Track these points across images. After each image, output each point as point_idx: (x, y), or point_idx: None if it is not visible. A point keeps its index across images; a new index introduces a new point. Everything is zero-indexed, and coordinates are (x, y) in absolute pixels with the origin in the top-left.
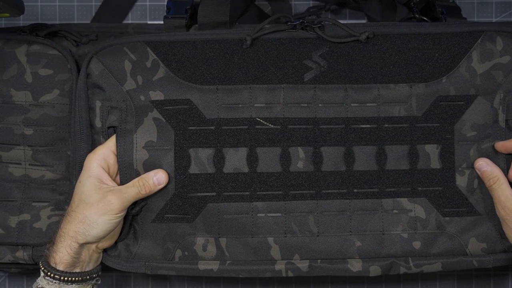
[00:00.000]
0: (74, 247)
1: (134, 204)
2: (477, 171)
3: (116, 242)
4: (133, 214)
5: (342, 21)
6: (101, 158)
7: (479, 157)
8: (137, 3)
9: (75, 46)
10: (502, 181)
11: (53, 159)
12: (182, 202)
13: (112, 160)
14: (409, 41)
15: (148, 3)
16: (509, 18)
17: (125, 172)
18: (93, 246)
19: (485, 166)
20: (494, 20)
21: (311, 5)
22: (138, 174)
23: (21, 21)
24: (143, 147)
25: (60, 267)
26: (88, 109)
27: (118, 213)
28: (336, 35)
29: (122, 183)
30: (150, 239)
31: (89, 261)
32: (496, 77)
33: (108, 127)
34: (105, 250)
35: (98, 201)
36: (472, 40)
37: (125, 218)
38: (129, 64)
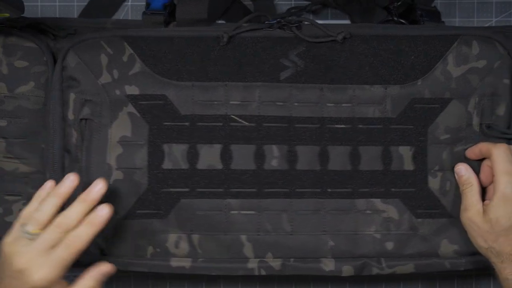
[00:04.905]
0: None
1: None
2: (455, 174)
3: None
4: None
5: (325, 22)
6: None
7: (459, 162)
8: (125, 3)
9: (53, 40)
10: (474, 187)
11: (27, 152)
12: (154, 197)
13: None
14: (385, 43)
15: (136, 3)
16: (509, 18)
17: (97, 166)
18: None
19: (463, 171)
20: (494, 20)
21: (293, 5)
22: (110, 169)
23: None
24: (117, 142)
25: None
26: (62, 101)
27: None
28: (314, 35)
29: (91, 178)
30: (121, 237)
31: None
32: (471, 81)
33: (81, 119)
34: None
35: None
36: (448, 44)
37: None
38: (106, 58)
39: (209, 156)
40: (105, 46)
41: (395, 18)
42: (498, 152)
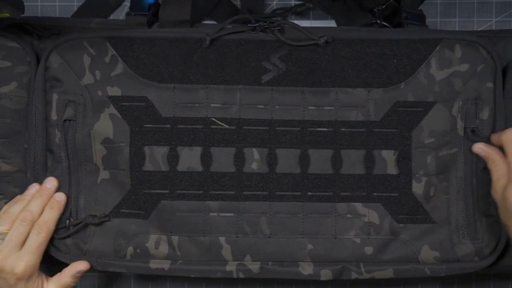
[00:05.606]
0: None
1: (94, 215)
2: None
3: (63, 238)
4: (93, 223)
5: (310, 24)
6: None
7: (475, 143)
8: (125, 3)
9: (37, 40)
10: (498, 162)
11: (10, 152)
12: (136, 198)
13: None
14: (368, 46)
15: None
16: (509, 18)
17: (85, 166)
18: None
19: (480, 150)
20: (494, 20)
21: (275, 5)
22: (98, 169)
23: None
24: (100, 143)
25: None
26: (45, 102)
27: None
28: (296, 38)
29: (78, 177)
30: (103, 235)
31: None
32: (454, 85)
33: (64, 120)
34: (53, 245)
35: None
36: (431, 47)
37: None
38: (88, 58)
39: (189, 159)
40: (88, 47)
41: (379, 21)
42: (507, 136)
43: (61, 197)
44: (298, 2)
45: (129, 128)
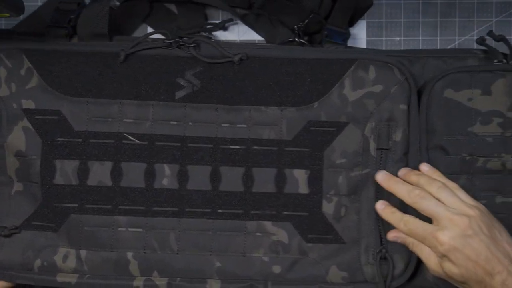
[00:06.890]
0: None
1: (4, 227)
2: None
3: None
4: (3, 235)
5: (238, 38)
6: None
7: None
8: None
9: None
10: (415, 243)
11: None
12: (47, 211)
13: None
14: (282, 65)
15: None
16: (509, 18)
17: (0, 178)
18: None
19: (397, 240)
20: (494, 20)
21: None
22: (12, 181)
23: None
24: (14, 156)
25: None
26: None
27: None
28: (211, 55)
29: None
30: (12, 247)
31: None
32: (367, 106)
33: None
34: None
35: None
36: (345, 68)
37: None
38: (4, 70)
39: (100, 173)
40: (4, 59)
41: (297, 39)
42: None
43: None
44: (226, 18)
45: (41, 141)
